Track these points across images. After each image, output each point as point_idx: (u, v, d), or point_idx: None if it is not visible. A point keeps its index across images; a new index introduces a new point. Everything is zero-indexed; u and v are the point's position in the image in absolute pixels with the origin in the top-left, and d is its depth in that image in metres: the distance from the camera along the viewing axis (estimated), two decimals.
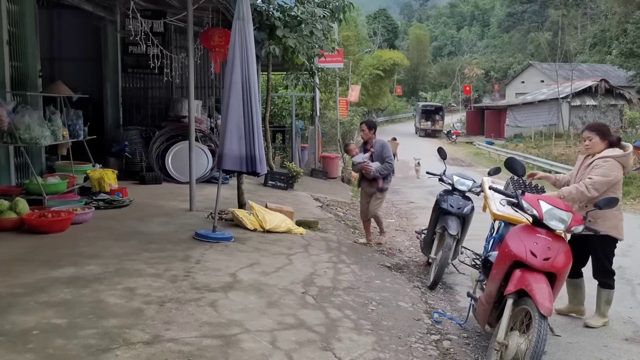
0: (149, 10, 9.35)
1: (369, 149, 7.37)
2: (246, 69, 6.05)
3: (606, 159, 4.55)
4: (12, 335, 3.38)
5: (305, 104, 20.43)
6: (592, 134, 4.66)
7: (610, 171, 4.49)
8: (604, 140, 4.63)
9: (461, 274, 6.50)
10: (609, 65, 43.63)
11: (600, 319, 4.82)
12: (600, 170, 4.50)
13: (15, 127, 6.87)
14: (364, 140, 7.49)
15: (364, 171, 7.31)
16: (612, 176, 4.50)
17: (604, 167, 4.51)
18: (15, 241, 5.68)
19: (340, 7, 10.99)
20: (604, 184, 4.45)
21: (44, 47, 9.93)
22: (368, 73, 45.73)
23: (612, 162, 4.53)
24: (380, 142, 7.32)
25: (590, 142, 4.67)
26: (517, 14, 74.95)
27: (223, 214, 7.21)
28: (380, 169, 7.19)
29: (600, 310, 4.81)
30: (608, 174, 4.48)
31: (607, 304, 4.81)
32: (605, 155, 4.58)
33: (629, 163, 4.64)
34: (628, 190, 14.56)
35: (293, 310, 4.29)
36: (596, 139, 4.64)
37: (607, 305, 4.81)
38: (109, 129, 11.51)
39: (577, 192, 4.55)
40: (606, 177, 4.47)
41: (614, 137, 4.68)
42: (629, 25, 34.18)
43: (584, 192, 4.52)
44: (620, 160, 4.55)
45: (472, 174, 7.52)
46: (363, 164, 7.26)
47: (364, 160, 7.31)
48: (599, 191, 4.47)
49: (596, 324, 4.79)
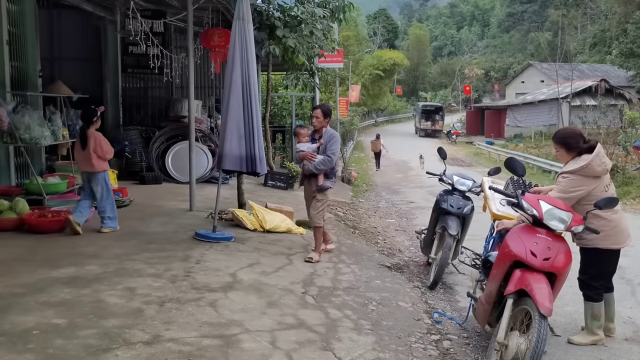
0: (149, 10, 9.36)
1: (317, 139, 6.15)
2: (246, 69, 6.05)
3: (564, 175, 4.28)
4: (12, 335, 3.38)
5: (305, 104, 20.42)
6: (557, 146, 4.41)
7: (570, 187, 4.19)
8: (570, 153, 4.32)
9: (461, 274, 6.50)
10: (609, 65, 43.64)
11: (587, 336, 4.40)
12: (559, 187, 4.26)
13: (15, 127, 6.87)
14: (315, 129, 6.23)
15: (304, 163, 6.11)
16: (575, 191, 4.18)
17: (561, 183, 4.26)
18: (15, 241, 5.68)
19: (340, 7, 10.99)
20: (565, 200, 4.10)
21: (44, 47, 9.93)
22: (368, 73, 45.74)
23: (569, 179, 4.22)
24: (330, 133, 6.14)
25: (558, 153, 4.46)
26: (517, 14, 74.99)
27: (223, 214, 7.21)
28: (317, 163, 5.96)
29: (587, 325, 4.42)
30: (567, 191, 4.19)
31: (593, 318, 4.35)
32: (565, 170, 4.31)
33: (596, 170, 4.19)
34: (628, 190, 14.54)
35: (293, 310, 4.28)
36: (562, 151, 4.38)
37: (593, 320, 4.36)
38: (109, 129, 11.50)
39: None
40: (566, 194, 4.17)
41: (584, 146, 4.27)
42: (629, 25, 34.19)
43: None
44: (581, 172, 4.18)
45: (472, 174, 7.51)
46: (306, 153, 5.99)
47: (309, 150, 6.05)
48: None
49: (579, 341, 4.38)
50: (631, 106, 31.54)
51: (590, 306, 4.37)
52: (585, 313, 4.42)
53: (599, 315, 4.37)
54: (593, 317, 4.36)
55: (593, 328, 4.38)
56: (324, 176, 6.00)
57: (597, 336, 4.40)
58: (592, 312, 4.36)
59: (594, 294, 4.36)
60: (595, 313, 4.35)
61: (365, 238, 8.40)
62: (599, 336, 4.40)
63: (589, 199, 4.16)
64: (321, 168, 5.97)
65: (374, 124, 51.27)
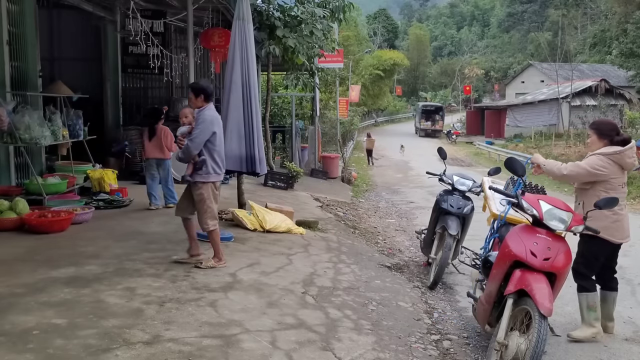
0: (149, 10, 9.36)
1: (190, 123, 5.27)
2: (246, 69, 6.06)
3: (597, 154, 4.40)
4: (12, 335, 3.38)
5: (305, 104, 20.43)
6: (591, 132, 4.57)
7: (597, 165, 4.31)
8: (601, 139, 4.45)
9: (461, 274, 6.50)
10: (609, 65, 43.61)
11: (585, 329, 4.41)
12: (587, 161, 4.39)
13: (15, 127, 6.87)
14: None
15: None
16: (600, 170, 4.30)
17: (591, 159, 4.39)
18: (15, 241, 5.68)
19: (340, 7, 10.98)
20: (582, 171, 4.32)
21: (44, 47, 9.94)
22: (368, 73, 45.74)
23: (599, 157, 4.34)
24: (199, 113, 5.11)
25: (590, 139, 4.60)
26: (517, 14, 74.95)
27: (223, 214, 7.21)
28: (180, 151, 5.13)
29: (584, 318, 4.43)
30: (593, 166, 4.32)
31: (589, 309, 4.39)
32: (598, 152, 4.43)
33: (626, 162, 4.35)
34: (628, 190, 14.50)
35: (293, 310, 4.28)
36: (594, 137, 4.51)
37: (589, 312, 4.39)
38: (109, 129, 11.51)
39: (554, 166, 4.53)
40: (588, 167, 4.32)
41: (617, 137, 4.43)
42: (629, 25, 34.16)
43: (559, 169, 4.47)
44: (612, 157, 4.32)
45: (472, 174, 7.51)
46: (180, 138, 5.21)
47: (182, 134, 5.22)
48: (574, 176, 4.39)
49: (578, 335, 4.40)
50: (631, 106, 31.56)
51: (584, 297, 4.42)
52: (581, 306, 4.46)
53: (594, 306, 4.40)
54: (588, 308, 4.39)
55: (590, 320, 4.40)
56: (193, 167, 5.12)
57: (595, 329, 4.41)
58: (587, 304, 4.39)
59: (587, 284, 4.43)
60: (590, 304, 4.39)
61: (365, 238, 8.40)
62: (597, 329, 4.41)
63: (607, 187, 4.31)
64: (181, 157, 5.14)
65: (374, 124, 51.28)
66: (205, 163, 5.07)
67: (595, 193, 4.31)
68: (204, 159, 5.05)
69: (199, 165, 5.06)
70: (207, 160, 5.07)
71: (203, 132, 5.03)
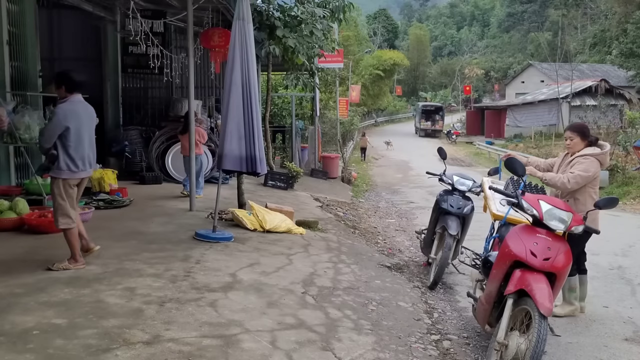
0: (149, 10, 9.36)
1: None
2: (246, 69, 6.05)
3: (586, 156, 4.86)
4: (12, 335, 3.38)
5: (305, 104, 20.43)
6: (573, 134, 5.00)
7: (590, 167, 4.81)
8: (584, 140, 4.96)
9: (461, 274, 6.50)
10: (609, 65, 43.60)
11: (566, 307, 5.00)
12: (581, 166, 4.82)
13: (15, 127, 6.87)
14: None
15: None
16: (591, 172, 4.81)
17: (584, 163, 4.83)
18: (15, 241, 5.68)
19: (340, 7, 10.99)
20: (583, 179, 4.77)
21: (44, 47, 9.92)
22: (368, 73, 45.74)
23: (591, 160, 4.85)
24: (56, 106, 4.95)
25: (572, 141, 5.01)
26: (517, 14, 74.96)
27: (223, 214, 7.21)
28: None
29: (565, 298, 5.01)
30: (588, 170, 4.79)
31: (570, 291, 4.98)
32: (585, 153, 4.89)
33: (607, 161, 5.00)
34: (628, 190, 14.53)
35: (293, 310, 4.28)
36: (577, 139, 4.97)
37: (570, 292, 4.99)
38: (109, 129, 11.51)
39: (559, 181, 4.85)
40: (586, 173, 4.78)
41: (592, 138, 5.02)
42: (629, 25, 34.17)
43: (565, 183, 4.81)
44: (599, 158, 4.87)
45: (472, 174, 7.51)
46: None
47: None
48: (578, 184, 4.79)
49: (559, 312, 4.93)
50: (631, 106, 31.53)
51: (567, 281, 4.82)
52: (563, 288, 4.87)
53: (574, 287, 5.03)
54: (570, 289, 5.00)
55: (570, 299, 5.03)
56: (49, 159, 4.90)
57: (574, 306, 5.04)
58: (569, 286, 4.98)
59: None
60: (571, 286, 4.99)
61: (365, 238, 8.40)
62: (575, 306, 5.04)
63: (593, 184, 4.88)
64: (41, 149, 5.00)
65: (374, 124, 51.28)
66: (56, 158, 4.82)
67: (585, 190, 4.82)
68: (53, 153, 4.83)
69: (50, 160, 4.88)
70: (59, 155, 4.80)
71: (52, 126, 4.81)
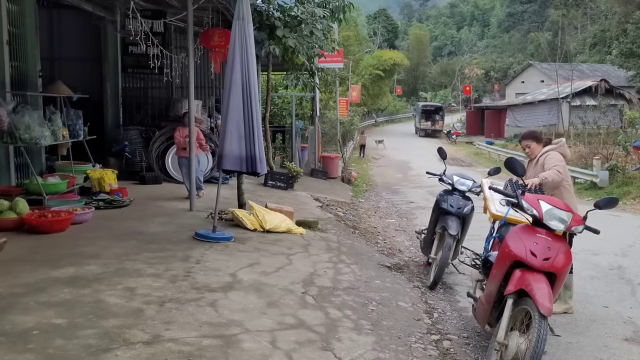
0: (149, 10, 9.35)
1: None
2: (246, 69, 6.05)
3: (547, 152, 5.26)
4: (12, 335, 3.38)
5: (305, 104, 20.42)
6: (528, 142, 5.43)
7: (557, 158, 5.17)
8: (539, 144, 5.41)
9: (461, 274, 6.50)
10: (609, 65, 43.57)
11: (560, 305, 5.02)
12: (551, 160, 5.15)
13: (15, 127, 6.86)
14: None
15: None
16: (561, 161, 5.16)
17: (550, 156, 5.19)
18: (15, 241, 5.67)
19: (340, 7, 10.99)
20: (562, 167, 5.09)
21: (44, 47, 9.93)
22: (368, 73, 45.72)
23: (552, 153, 5.25)
24: None
25: (530, 148, 5.41)
26: (517, 14, 74.97)
27: (223, 214, 7.21)
28: None
29: (560, 296, 4.99)
30: (559, 159, 5.16)
31: (566, 288, 5.01)
32: (545, 150, 5.30)
33: (567, 152, 5.39)
34: (628, 190, 14.52)
35: (293, 310, 4.28)
36: (533, 144, 5.40)
37: (565, 291, 5.03)
38: (109, 129, 11.51)
39: (550, 176, 5.02)
40: (560, 162, 5.12)
41: (546, 139, 5.53)
42: (629, 25, 34.15)
43: (556, 175, 5.03)
44: (559, 150, 5.27)
45: (472, 174, 7.51)
46: None
47: None
48: (564, 172, 5.11)
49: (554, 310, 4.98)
50: (631, 106, 31.52)
51: None
52: None
53: (569, 286, 5.15)
54: (565, 287, 5.00)
55: (565, 298, 5.13)
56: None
57: (568, 305, 5.14)
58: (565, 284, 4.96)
59: None
60: (567, 284, 5.00)
61: (365, 238, 8.40)
62: (569, 305, 5.15)
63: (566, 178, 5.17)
64: None
65: (374, 124, 51.27)
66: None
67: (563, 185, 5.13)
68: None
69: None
70: None
71: None
